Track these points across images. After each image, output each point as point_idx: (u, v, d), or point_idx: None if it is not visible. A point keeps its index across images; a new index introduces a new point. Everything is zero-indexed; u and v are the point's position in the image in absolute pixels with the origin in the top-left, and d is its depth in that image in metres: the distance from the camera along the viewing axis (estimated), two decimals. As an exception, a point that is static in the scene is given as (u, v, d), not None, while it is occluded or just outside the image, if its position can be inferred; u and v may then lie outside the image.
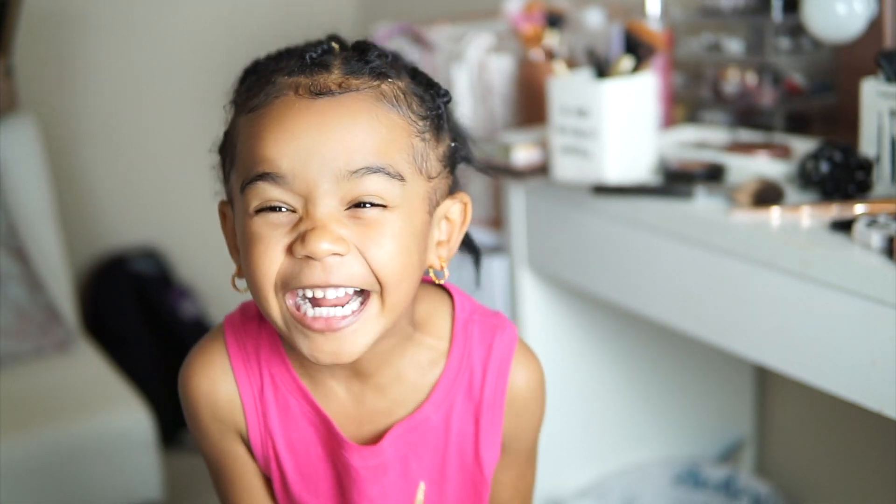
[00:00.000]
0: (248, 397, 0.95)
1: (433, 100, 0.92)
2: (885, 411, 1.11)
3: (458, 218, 0.95)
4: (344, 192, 0.84)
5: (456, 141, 0.95)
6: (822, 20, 1.38)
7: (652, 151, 1.47)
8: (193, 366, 0.97)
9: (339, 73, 0.88)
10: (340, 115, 0.85)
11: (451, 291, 0.99)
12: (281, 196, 0.85)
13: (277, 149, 0.84)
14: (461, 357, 0.96)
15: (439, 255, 0.93)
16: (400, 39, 1.89)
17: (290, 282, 0.85)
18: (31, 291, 2.11)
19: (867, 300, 1.10)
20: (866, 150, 1.29)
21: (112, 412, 1.94)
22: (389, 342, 0.92)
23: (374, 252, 0.85)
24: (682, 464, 1.80)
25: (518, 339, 0.98)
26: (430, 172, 0.89)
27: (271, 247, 0.85)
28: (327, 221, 0.84)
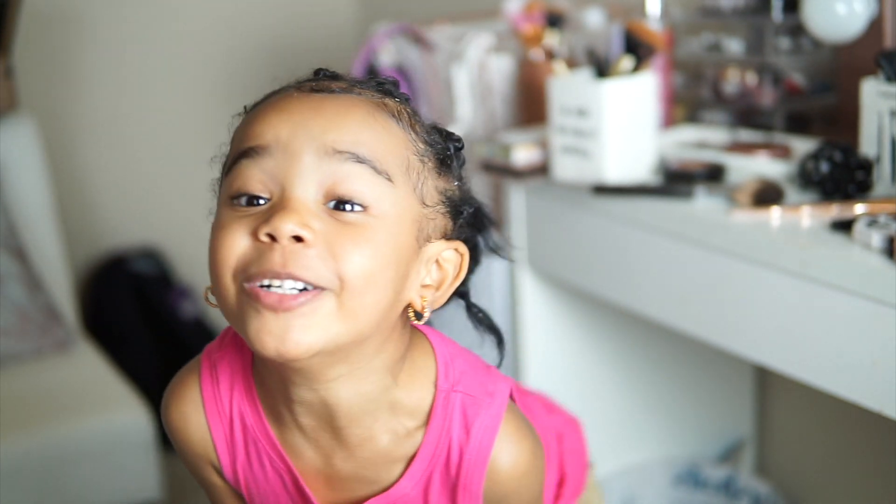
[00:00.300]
0: (219, 435, 0.91)
1: (442, 139, 0.87)
2: (885, 411, 1.11)
3: (451, 268, 0.87)
4: (324, 176, 0.78)
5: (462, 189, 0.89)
6: (822, 20, 1.38)
7: (652, 151, 1.47)
8: (169, 398, 0.93)
9: (345, 82, 0.86)
10: (336, 106, 0.82)
11: (436, 351, 0.90)
12: (260, 176, 0.79)
13: (264, 123, 0.81)
14: (439, 434, 0.87)
15: (422, 295, 0.85)
16: (399, 39, 1.89)
17: (248, 268, 0.78)
18: (31, 291, 2.11)
19: (867, 300, 1.10)
20: (866, 150, 1.29)
21: (112, 412, 1.94)
22: (363, 389, 0.84)
23: (344, 251, 0.78)
24: (682, 464, 1.80)
25: (503, 417, 0.89)
26: (424, 198, 0.83)
27: (234, 233, 0.79)
28: (300, 206, 0.78)
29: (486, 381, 0.90)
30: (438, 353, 0.90)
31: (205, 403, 0.91)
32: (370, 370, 0.84)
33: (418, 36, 1.86)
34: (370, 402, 0.85)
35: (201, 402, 0.91)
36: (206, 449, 0.92)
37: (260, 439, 0.89)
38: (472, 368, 0.90)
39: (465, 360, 0.91)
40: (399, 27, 1.90)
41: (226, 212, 0.81)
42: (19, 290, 2.09)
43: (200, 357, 0.94)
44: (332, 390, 0.84)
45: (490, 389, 0.89)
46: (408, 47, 1.87)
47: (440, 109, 1.82)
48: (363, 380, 0.84)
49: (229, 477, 0.92)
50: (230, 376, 0.91)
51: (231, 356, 0.91)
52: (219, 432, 0.91)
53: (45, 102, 2.54)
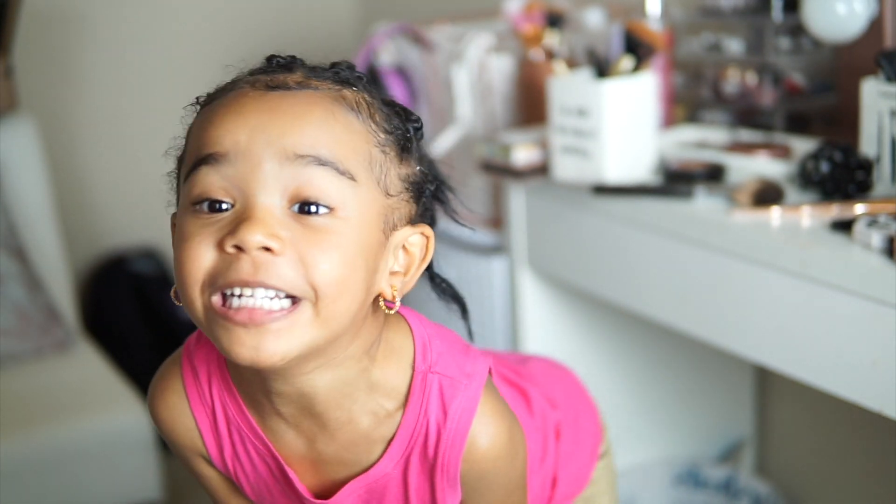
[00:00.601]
0: (205, 425, 0.92)
1: (402, 122, 0.87)
2: (885, 411, 1.11)
3: (418, 252, 0.87)
4: (287, 181, 0.77)
5: (424, 170, 0.89)
6: (823, 20, 1.37)
7: (652, 151, 1.47)
8: (154, 391, 0.94)
9: (300, 74, 0.84)
10: (294, 105, 0.80)
11: (414, 333, 0.90)
12: (221, 183, 0.78)
13: (222, 128, 0.79)
14: (417, 414, 0.88)
15: (392, 284, 0.85)
16: (399, 39, 1.89)
17: (216, 279, 0.77)
18: (31, 291, 2.11)
19: (867, 300, 1.10)
20: (866, 150, 1.28)
21: (111, 412, 1.94)
22: (340, 374, 0.85)
23: (314, 258, 0.77)
24: (682, 464, 1.80)
25: (481, 399, 0.89)
26: (388, 188, 0.83)
27: (201, 243, 0.78)
28: (265, 215, 0.77)
29: (463, 362, 0.90)
30: (416, 334, 0.90)
31: (188, 395, 0.92)
32: (345, 357, 0.84)
33: (418, 36, 1.86)
34: (347, 385, 0.86)
35: (184, 393, 0.92)
36: (194, 440, 0.93)
37: (242, 428, 0.90)
38: (450, 349, 0.91)
39: (443, 341, 0.91)
40: (399, 27, 1.90)
41: (188, 220, 0.80)
42: (19, 290, 2.09)
43: (181, 349, 0.94)
44: (308, 381, 0.84)
45: (468, 370, 0.89)
46: (408, 47, 1.87)
47: (440, 109, 1.82)
48: (339, 367, 0.84)
49: (219, 465, 0.93)
50: (207, 368, 0.91)
51: (207, 349, 0.91)
52: (204, 423, 0.91)
53: (44, 102, 2.54)
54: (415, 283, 0.88)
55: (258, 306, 0.77)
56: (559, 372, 1.18)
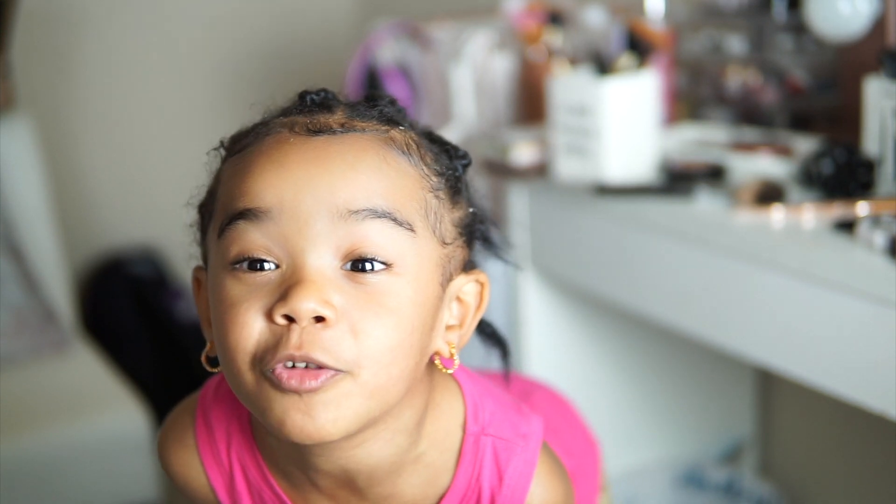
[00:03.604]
0: (219, 484, 0.86)
1: (450, 159, 0.81)
2: (888, 413, 1.10)
3: (472, 300, 0.81)
4: (340, 240, 0.71)
5: (475, 210, 0.83)
6: (825, 19, 1.37)
7: (653, 150, 1.46)
8: (165, 442, 0.88)
9: (342, 114, 0.77)
10: (342, 152, 0.72)
11: (464, 391, 0.83)
12: (263, 242, 0.71)
13: (263, 181, 0.71)
14: (469, 479, 0.82)
15: (448, 341, 0.79)
16: (399, 36, 1.88)
17: (265, 354, 0.71)
18: (28, 292, 2.10)
19: (870, 300, 1.09)
20: (869, 149, 1.28)
21: (109, 413, 1.93)
22: (385, 452, 0.78)
23: (369, 326, 0.70)
24: (684, 465, 1.79)
25: (538, 460, 0.83)
26: (444, 237, 0.76)
27: (247, 311, 0.71)
28: (318, 277, 0.70)
29: (518, 422, 0.84)
30: (467, 393, 0.83)
31: (201, 453, 0.86)
32: (396, 430, 0.78)
33: (417, 33, 1.85)
34: (394, 460, 0.80)
35: (197, 451, 0.86)
36: (207, 495, 0.87)
37: (265, 493, 0.84)
38: (503, 409, 0.84)
39: (494, 401, 0.84)
40: (398, 24, 1.89)
41: (228, 283, 0.73)
42: (16, 290, 2.08)
43: (195, 401, 0.88)
44: (353, 457, 0.78)
45: (523, 431, 0.83)
46: (407, 45, 1.86)
47: (439, 108, 1.81)
48: (389, 442, 0.78)
49: None
50: (226, 429, 0.85)
51: (226, 407, 0.86)
52: (219, 482, 0.86)
53: (43, 101, 2.54)
54: (471, 334, 0.82)
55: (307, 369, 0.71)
56: (562, 407, 1.12)
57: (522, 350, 1.67)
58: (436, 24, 1.86)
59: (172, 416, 0.90)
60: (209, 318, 0.77)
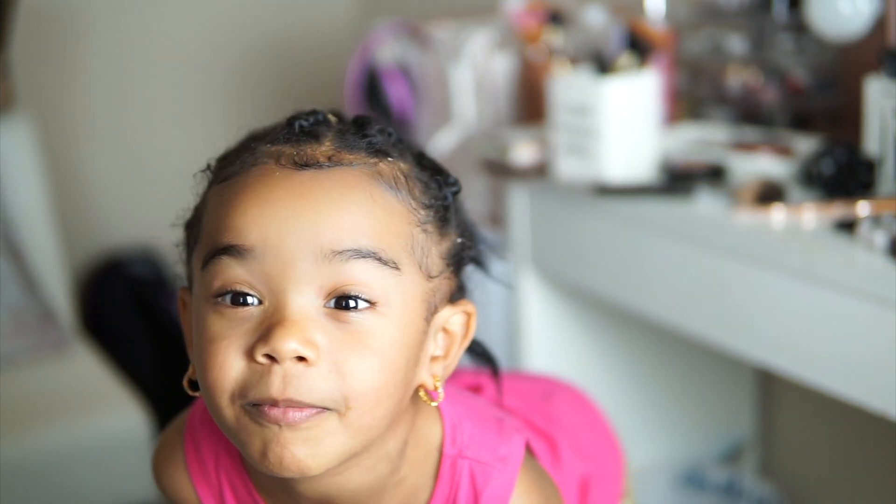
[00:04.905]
0: (209, 502, 0.86)
1: (439, 188, 0.79)
2: (888, 413, 1.10)
3: (459, 330, 0.80)
4: (324, 280, 0.70)
5: (463, 237, 0.82)
6: (826, 18, 1.36)
7: (654, 150, 1.46)
8: (157, 461, 0.89)
9: (330, 145, 0.75)
10: (328, 189, 0.72)
11: (443, 414, 0.83)
12: (246, 278, 0.71)
13: (248, 217, 0.71)
14: (445, 501, 0.81)
15: (433, 373, 0.78)
16: (399, 36, 1.87)
17: (247, 392, 0.70)
18: (28, 292, 2.10)
19: (871, 300, 1.09)
20: (870, 149, 1.27)
21: (108, 413, 1.93)
22: (367, 478, 0.78)
23: (352, 368, 0.70)
24: (684, 465, 1.79)
25: (517, 481, 0.82)
26: (430, 270, 0.76)
27: (227, 348, 0.71)
28: (300, 317, 0.70)
29: (497, 444, 0.83)
30: (445, 416, 0.83)
31: (190, 474, 0.86)
32: (379, 458, 0.78)
33: (417, 33, 1.85)
34: (376, 486, 0.80)
35: (187, 471, 0.87)
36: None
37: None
38: (482, 431, 0.83)
39: (474, 423, 0.84)
40: (398, 24, 1.88)
41: (210, 317, 0.72)
42: (15, 290, 2.08)
43: (185, 419, 0.88)
44: (335, 485, 0.78)
45: (502, 454, 0.82)
46: (407, 44, 1.86)
47: (439, 107, 1.81)
48: (371, 469, 0.78)
49: None
50: (215, 450, 0.86)
51: (214, 426, 0.84)
52: (209, 500, 0.86)
53: (42, 101, 2.54)
54: (456, 364, 0.81)
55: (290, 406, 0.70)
56: (585, 408, 1.10)
57: (523, 350, 1.67)
58: (436, 23, 1.85)
59: (164, 434, 0.90)
60: (192, 341, 0.77)
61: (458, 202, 0.83)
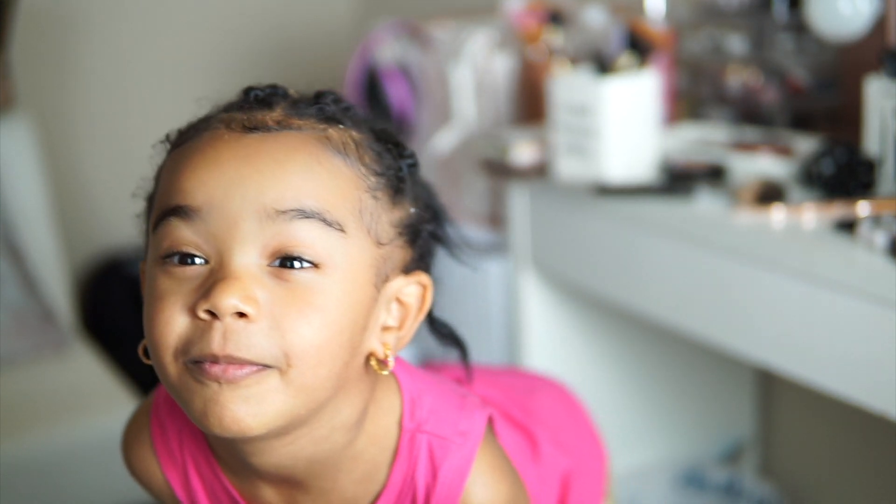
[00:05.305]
0: (176, 482, 0.87)
1: (394, 159, 0.80)
2: (888, 413, 1.10)
3: (414, 302, 0.81)
4: (268, 239, 0.71)
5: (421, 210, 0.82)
6: (826, 18, 1.36)
7: (654, 150, 1.46)
8: (125, 441, 0.90)
9: (280, 111, 0.77)
10: (273, 151, 0.73)
11: (402, 388, 0.83)
12: (192, 238, 0.72)
13: (194, 179, 0.73)
14: (404, 476, 0.82)
15: (384, 342, 0.79)
16: (399, 35, 1.87)
17: (189, 348, 0.72)
18: (28, 292, 2.10)
19: (871, 300, 1.09)
20: (870, 149, 1.27)
21: (108, 413, 1.93)
22: (321, 448, 0.78)
23: (293, 324, 0.71)
24: (684, 465, 1.79)
25: (476, 458, 0.82)
26: (379, 237, 0.77)
27: (171, 305, 0.72)
28: (242, 274, 0.71)
29: (457, 418, 0.83)
30: (405, 390, 0.83)
31: (156, 452, 0.87)
32: (333, 427, 0.78)
33: (417, 33, 1.85)
34: (331, 456, 0.80)
35: (153, 449, 0.87)
36: (168, 489, 0.88)
37: (217, 488, 0.85)
38: (443, 405, 0.84)
39: (435, 397, 0.84)
40: (398, 24, 1.88)
41: (158, 275, 0.74)
42: (15, 290, 2.08)
43: (151, 401, 0.89)
44: (288, 455, 0.78)
45: (462, 429, 0.82)
46: (407, 44, 1.86)
47: (439, 107, 1.81)
48: (325, 439, 0.79)
49: None
50: (178, 428, 0.86)
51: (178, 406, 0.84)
52: (175, 479, 0.87)
53: (42, 101, 2.53)
54: (411, 336, 0.82)
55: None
56: (570, 406, 1.11)
57: (523, 350, 1.67)
58: (436, 23, 1.85)
59: (132, 415, 0.91)
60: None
61: (420, 180, 0.84)
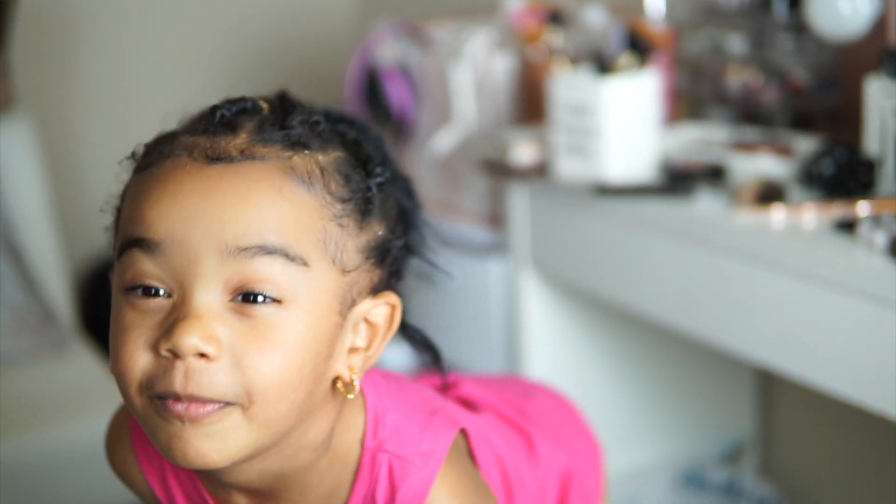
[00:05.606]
0: (155, 483, 0.87)
1: (363, 179, 0.79)
2: (888, 413, 1.10)
3: (383, 322, 0.80)
4: (230, 275, 0.71)
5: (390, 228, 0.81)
6: (826, 18, 1.36)
7: (654, 150, 1.46)
8: (108, 440, 0.91)
9: (245, 137, 0.75)
10: (235, 185, 0.72)
11: (367, 405, 0.82)
12: (154, 271, 0.72)
13: (156, 211, 0.72)
14: (365, 494, 0.81)
15: (350, 365, 0.78)
16: (398, 35, 1.87)
17: (152, 384, 0.72)
18: (28, 292, 2.10)
19: (870, 300, 1.09)
20: (870, 149, 1.27)
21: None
22: (289, 465, 0.79)
23: (253, 360, 0.71)
24: (684, 465, 1.79)
25: (436, 479, 0.80)
26: (345, 265, 0.75)
27: (135, 340, 0.73)
28: (203, 312, 0.71)
29: (420, 439, 0.82)
30: (370, 408, 0.82)
31: (136, 454, 0.88)
32: (300, 447, 0.79)
33: (417, 33, 1.85)
34: (298, 473, 0.80)
35: (133, 451, 0.88)
36: (148, 489, 0.89)
37: (193, 495, 0.85)
38: (408, 422, 0.83)
39: (401, 415, 0.83)
40: (398, 24, 1.88)
41: (122, 306, 0.75)
42: (15, 290, 2.08)
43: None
44: (256, 472, 0.79)
45: (424, 449, 0.81)
46: (407, 44, 1.86)
47: (439, 107, 1.81)
48: (291, 458, 0.79)
49: None
50: None
51: None
52: (153, 479, 0.88)
53: (42, 101, 2.53)
54: (379, 356, 0.81)
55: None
56: (563, 407, 1.11)
57: (523, 350, 1.67)
58: (436, 23, 1.85)
59: (114, 415, 0.93)
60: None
61: (390, 191, 0.82)
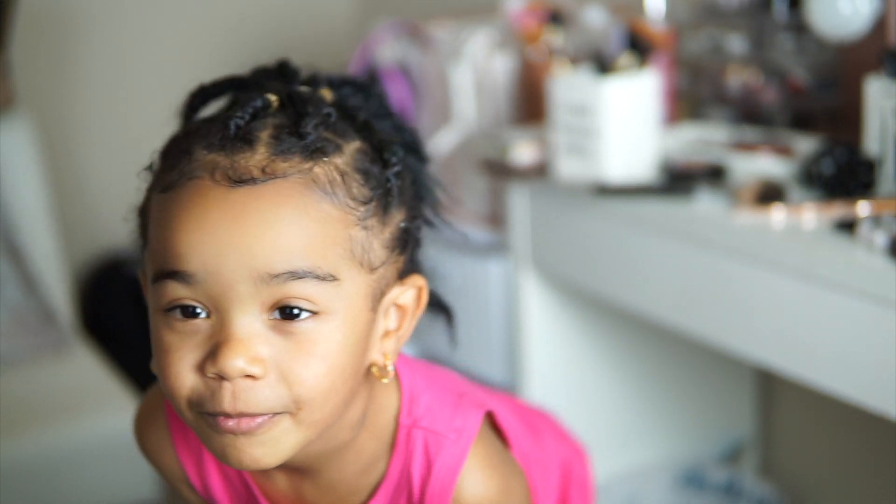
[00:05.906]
0: (189, 464, 0.90)
1: (381, 172, 0.80)
2: (888, 413, 1.10)
3: (411, 304, 0.83)
4: (265, 298, 0.73)
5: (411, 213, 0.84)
6: (826, 18, 1.36)
7: (654, 150, 1.46)
8: (140, 422, 0.93)
9: (264, 152, 0.75)
10: (261, 210, 0.73)
11: (402, 385, 0.86)
12: (192, 296, 0.74)
13: (187, 244, 0.73)
14: (400, 471, 0.85)
15: (384, 351, 0.81)
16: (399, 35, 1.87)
17: (202, 403, 0.75)
18: (28, 292, 2.10)
19: (870, 300, 1.09)
20: (870, 149, 1.27)
21: (108, 413, 1.93)
22: (327, 444, 0.82)
23: (299, 374, 0.74)
24: (684, 465, 1.79)
25: (469, 453, 0.85)
26: (372, 263, 0.78)
27: (180, 363, 0.75)
28: (244, 335, 0.73)
29: (453, 415, 0.86)
30: (404, 387, 0.86)
31: (172, 436, 0.90)
32: (338, 428, 0.82)
33: (417, 33, 1.85)
34: (336, 450, 0.84)
35: (168, 432, 0.90)
36: (180, 472, 0.91)
37: (231, 473, 0.89)
38: (440, 402, 0.87)
39: (433, 394, 0.87)
40: (398, 24, 1.88)
41: (163, 328, 0.77)
42: (15, 290, 2.08)
43: None
44: (296, 456, 0.81)
45: (457, 425, 0.85)
46: (407, 44, 1.86)
47: (439, 107, 1.81)
48: (332, 438, 0.82)
49: (206, 498, 0.92)
50: None
51: None
52: (188, 461, 0.90)
53: (43, 101, 2.53)
54: (411, 333, 0.85)
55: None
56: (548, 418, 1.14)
57: (523, 350, 1.67)
58: (436, 23, 1.85)
59: (147, 395, 0.93)
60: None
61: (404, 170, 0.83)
